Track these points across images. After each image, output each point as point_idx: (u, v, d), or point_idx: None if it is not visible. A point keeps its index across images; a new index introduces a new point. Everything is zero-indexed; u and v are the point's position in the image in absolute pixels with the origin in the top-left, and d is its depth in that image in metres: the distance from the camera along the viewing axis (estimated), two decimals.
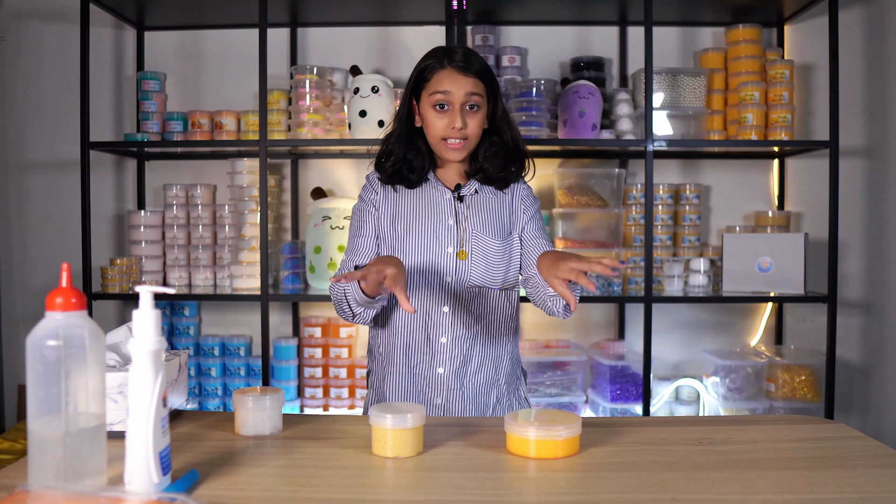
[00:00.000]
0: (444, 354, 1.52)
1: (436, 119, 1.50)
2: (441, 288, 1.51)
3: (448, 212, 1.54)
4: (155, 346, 0.91)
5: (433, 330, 1.52)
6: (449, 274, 1.51)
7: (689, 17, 2.83)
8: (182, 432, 1.21)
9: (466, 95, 1.48)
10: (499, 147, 1.57)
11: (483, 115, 1.52)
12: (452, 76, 1.49)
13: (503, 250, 1.54)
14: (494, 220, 1.56)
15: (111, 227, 2.97)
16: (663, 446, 1.16)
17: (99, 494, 0.83)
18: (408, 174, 1.55)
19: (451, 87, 1.48)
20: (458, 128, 1.48)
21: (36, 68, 2.95)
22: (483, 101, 1.52)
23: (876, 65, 2.78)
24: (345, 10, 2.77)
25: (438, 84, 1.49)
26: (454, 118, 1.48)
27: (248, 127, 2.71)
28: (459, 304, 1.51)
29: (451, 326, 1.52)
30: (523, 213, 1.59)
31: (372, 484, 1.00)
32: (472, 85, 1.49)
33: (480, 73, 1.51)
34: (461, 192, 1.56)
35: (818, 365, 2.63)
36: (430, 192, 1.57)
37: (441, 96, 1.48)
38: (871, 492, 0.96)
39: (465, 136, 1.50)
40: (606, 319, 2.93)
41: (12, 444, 2.56)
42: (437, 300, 1.51)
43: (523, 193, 1.62)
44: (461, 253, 1.51)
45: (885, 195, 2.76)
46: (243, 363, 2.82)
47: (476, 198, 1.57)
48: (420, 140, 1.57)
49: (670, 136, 2.66)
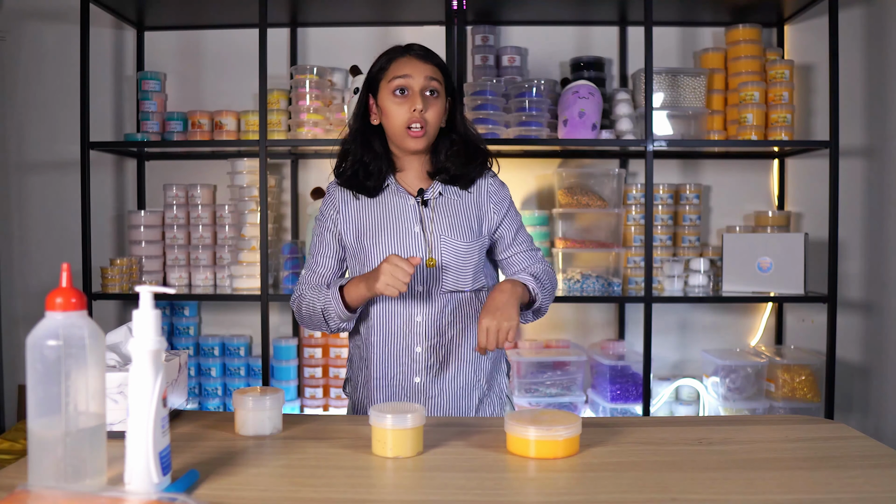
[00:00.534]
0: (420, 364, 1.50)
1: (395, 106, 1.47)
2: (413, 298, 1.49)
3: (413, 219, 1.51)
4: (155, 346, 0.91)
5: (408, 340, 1.50)
6: (420, 283, 1.49)
7: (689, 17, 2.83)
8: (182, 432, 1.21)
9: (426, 80, 1.47)
10: (459, 145, 1.54)
11: (441, 105, 1.50)
12: (412, 62, 1.49)
13: (472, 252, 1.51)
14: (461, 222, 1.52)
15: (111, 227, 2.97)
16: (663, 446, 1.16)
17: (99, 494, 0.83)
18: (365, 181, 1.52)
19: (411, 71, 1.47)
20: (419, 109, 1.45)
21: (36, 68, 2.95)
22: (441, 89, 1.50)
23: (876, 65, 2.78)
24: (345, 10, 2.77)
25: (398, 69, 1.48)
26: (415, 101, 1.46)
27: (248, 127, 2.71)
28: (432, 311, 1.49)
29: (426, 335, 1.49)
30: (494, 211, 1.55)
31: (372, 484, 1.00)
32: (432, 70, 1.49)
33: (439, 64, 1.51)
34: (424, 196, 1.53)
35: (818, 365, 2.63)
36: (392, 199, 1.53)
37: (401, 80, 1.47)
38: (871, 492, 0.96)
39: (423, 120, 1.46)
40: (606, 319, 2.93)
41: (12, 444, 2.56)
42: (410, 310, 1.49)
43: (491, 189, 1.56)
44: (430, 261, 1.48)
45: (885, 195, 2.76)
46: (243, 363, 2.82)
47: (440, 200, 1.53)
48: (376, 141, 1.54)
49: (670, 136, 2.66)
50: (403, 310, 1.49)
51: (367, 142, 1.53)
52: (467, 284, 1.51)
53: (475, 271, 1.52)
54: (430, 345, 1.50)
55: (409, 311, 1.49)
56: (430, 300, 1.49)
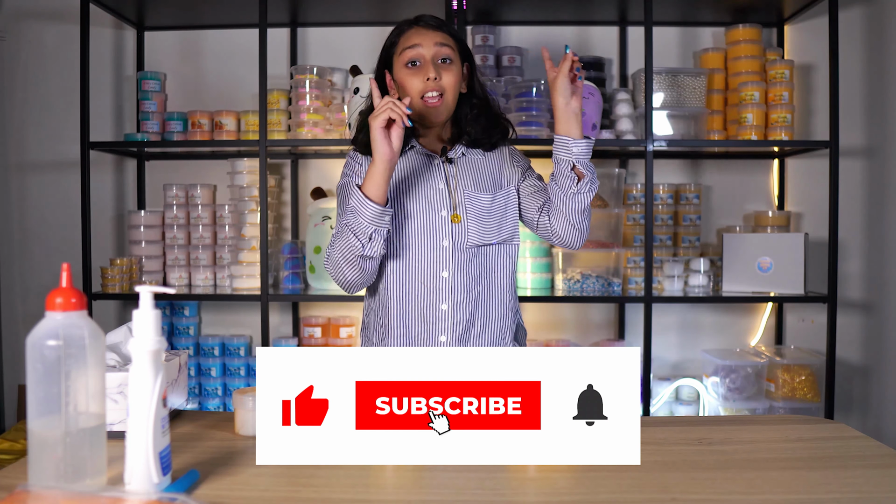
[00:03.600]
0: (445, 322, 1.50)
1: (409, 77, 1.48)
2: (439, 252, 1.49)
3: (438, 176, 1.53)
4: (155, 346, 0.91)
5: (433, 297, 1.49)
6: (445, 237, 1.50)
7: (689, 17, 2.83)
8: (182, 432, 1.21)
9: (436, 47, 1.47)
10: (479, 109, 1.56)
11: (457, 71, 1.50)
12: (420, 31, 1.49)
13: (497, 204, 1.53)
14: (485, 177, 1.55)
15: (111, 227, 2.97)
16: (663, 446, 1.16)
17: (99, 494, 0.83)
18: None
19: (420, 41, 1.48)
20: (432, 77, 1.46)
21: (36, 68, 2.95)
22: (455, 55, 1.50)
23: (876, 65, 2.78)
24: (345, 10, 2.77)
25: (407, 41, 1.49)
26: (427, 70, 1.46)
27: (248, 127, 2.71)
28: (459, 267, 1.49)
29: (452, 291, 1.49)
30: (516, 165, 1.59)
31: (372, 484, 1.00)
32: (441, 37, 1.49)
33: (450, 32, 1.51)
34: (448, 154, 1.55)
35: (818, 365, 2.63)
36: (416, 158, 1.55)
37: (411, 52, 1.48)
38: (871, 492, 0.96)
39: (440, 88, 1.47)
40: (606, 319, 2.93)
41: (12, 444, 2.56)
42: (436, 266, 1.49)
43: (512, 150, 1.62)
44: (455, 217, 1.49)
45: (885, 195, 2.76)
46: (243, 363, 2.82)
47: (464, 159, 1.56)
48: None
49: (670, 136, 2.66)
50: (429, 266, 1.49)
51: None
52: (493, 237, 1.52)
53: (500, 225, 1.53)
54: (456, 301, 1.49)
55: (436, 266, 1.49)
56: (456, 255, 1.49)
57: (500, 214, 1.54)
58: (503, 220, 1.54)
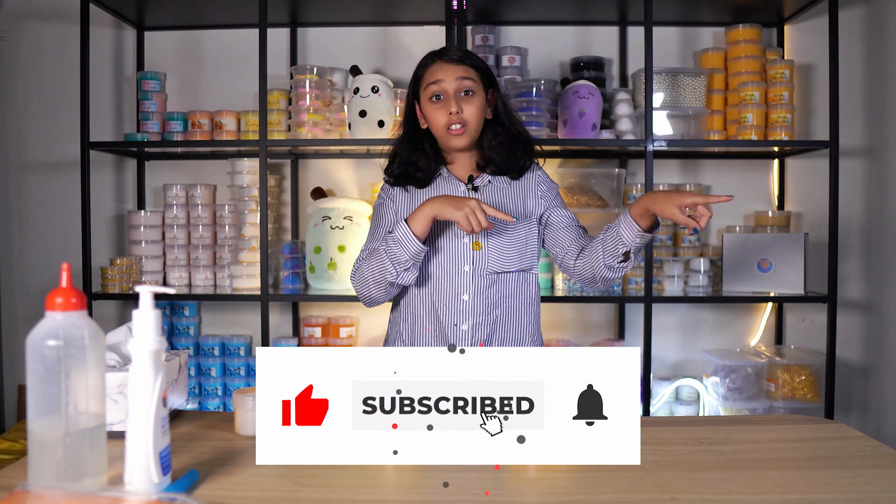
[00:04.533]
0: (465, 342, 1.55)
1: (434, 111, 1.55)
2: (460, 277, 1.55)
3: None
4: (155, 346, 0.91)
5: (454, 318, 1.56)
6: (466, 263, 1.56)
7: (689, 17, 2.83)
8: (182, 432, 1.21)
9: (458, 81, 1.53)
10: (503, 136, 1.60)
11: (480, 102, 1.56)
12: (442, 66, 1.55)
13: (518, 235, 1.57)
14: (509, 206, 1.60)
15: (111, 227, 2.97)
16: (663, 446, 1.16)
17: (99, 494, 0.83)
18: (415, 173, 1.60)
19: (443, 76, 1.54)
20: (454, 112, 1.52)
21: (36, 68, 2.95)
22: (477, 87, 1.55)
23: (876, 65, 2.78)
24: (345, 10, 2.77)
25: (431, 76, 1.56)
26: (449, 104, 1.53)
27: (248, 127, 2.71)
28: (478, 291, 1.55)
29: (472, 313, 1.56)
30: (542, 196, 1.63)
31: (372, 484, 1.00)
32: (463, 71, 1.54)
33: (472, 63, 1.56)
34: (475, 182, 1.60)
35: (818, 365, 2.63)
36: (443, 186, 1.62)
37: (434, 87, 1.54)
38: (871, 492, 0.96)
39: (462, 120, 1.53)
40: (606, 319, 2.93)
41: (12, 444, 2.56)
42: (457, 289, 1.55)
43: (539, 178, 1.65)
44: (476, 244, 1.55)
45: (885, 195, 2.76)
46: (243, 363, 2.82)
47: (490, 187, 1.61)
48: (426, 142, 1.62)
49: (670, 136, 2.66)
50: (451, 288, 1.56)
51: (416, 143, 1.62)
52: (513, 265, 1.57)
53: (520, 253, 1.58)
54: (475, 322, 1.56)
55: (457, 289, 1.56)
56: (476, 280, 1.55)
57: (521, 244, 1.59)
58: (524, 250, 1.59)
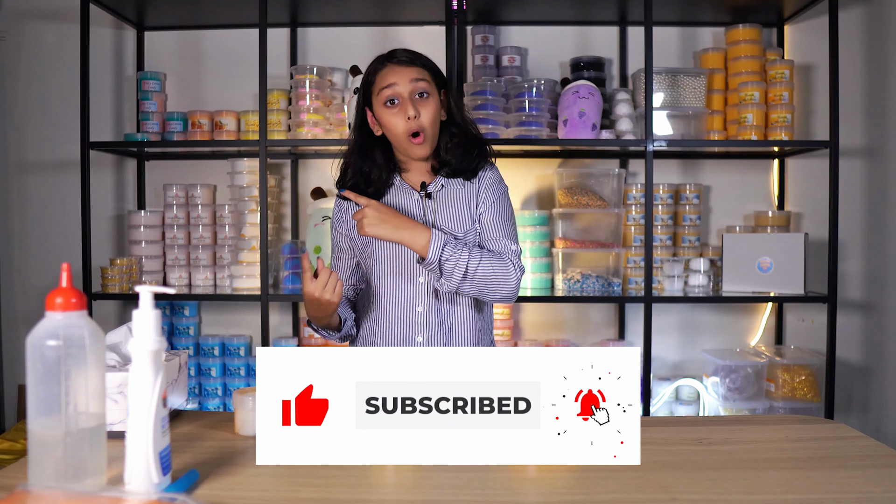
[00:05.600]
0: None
1: (390, 117, 1.50)
2: (415, 288, 1.54)
3: (416, 213, 1.55)
4: (155, 346, 0.91)
5: (409, 330, 1.54)
6: (421, 274, 1.53)
7: (689, 17, 2.83)
8: (182, 432, 1.21)
9: (412, 83, 1.49)
10: (459, 138, 1.57)
11: (435, 104, 1.51)
12: (394, 69, 1.51)
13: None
14: (463, 212, 1.55)
15: (111, 227, 2.97)
16: (663, 446, 1.16)
17: (99, 494, 0.83)
18: (365, 188, 1.55)
19: (396, 79, 1.49)
20: (412, 116, 1.47)
21: (36, 68, 2.95)
22: (431, 88, 1.51)
23: (876, 65, 2.78)
24: (345, 10, 2.77)
25: (383, 80, 1.50)
26: (406, 108, 1.48)
27: (248, 127, 2.71)
28: (433, 301, 1.54)
29: (427, 325, 1.54)
30: (483, 200, 1.57)
31: (372, 484, 1.00)
32: (416, 72, 1.50)
33: (423, 64, 1.52)
34: (427, 188, 1.56)
35: (818, 365, 2.63)
36: (396, 195, 1.57)
37: (388, 91, 1.49)
38: (871, 492, 0.96)
39: (420, 126, 1.49)
40: (606, 319, 2.93)
41: (12, 444, 2.56)
42: (412, 301, 1.54)
43: (489, 181, 1.58)
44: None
45: (885, 195, 2.76)
46: (243, 363, 2.82)
47: (443, 192, 1.57)
48: (377, 150, 1.57)
49: (670, 136, 2.66)
50: (406, 300, 1.54)
51: (367, 153, 1.57)
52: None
53: None
54: (431, 333, 1.54)
55: (412, 301, 1.54)
56: (430, 291, 1.54)
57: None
58: None
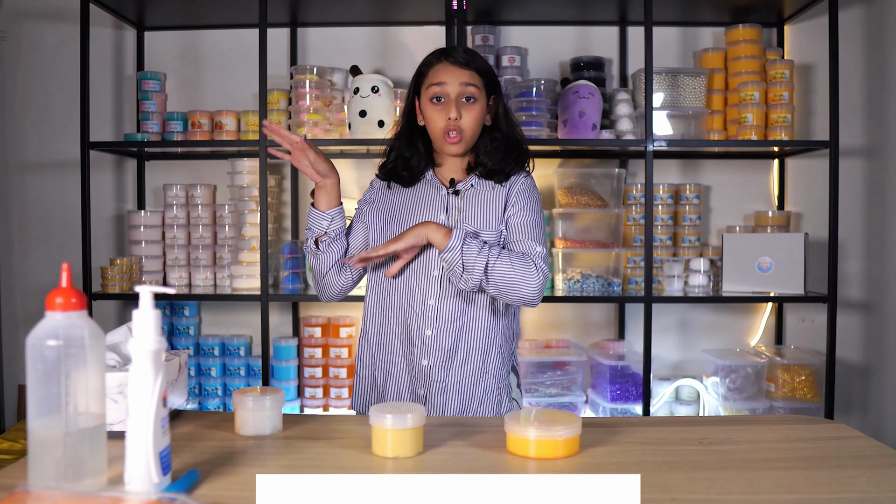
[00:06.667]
0: (428, 346, 1.53)
1: (433, 113, 1.53)
2: (428, 281, 1.53)
3: (440, 207, 1.56)
4: (155, 346, 0.91)
5: (419, 322, 1.54)
6: (437, 267, 1.53)
7: (689, 17, 2.83)
8: (182, 432, 1.21)
9: (461, 86, 1.51)
10: (499, 142, 1.58)
11: (480, 110, 1.53)
12: (448, 69, 1.53)
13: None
14: (488, 212, 1.55)
15: (111, 227, 2.97)
16: (663, 446, 1.16)
17: (99, 494, 0.83)
18: (402, 171, 1.59)
19: (446, 79, 1.51)
20: (453, 118, 1.50)
21: (36, 68, 2.95)
22: (480, 94, 1.53)
23: (876, 65, 2.78)
24: (345, 10, 2.77)
25: (435, 77, 1.53)
26: (449, 109, 1.50)
27: (248, 127, 2.71)
28: (445, 296, 1.53)
29: (437, 318, 1.53)
30: (514, 204, 1.56)
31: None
32: (468, 77, 1.52)
33: (477, 68, 1.54)
34: (456, 186, 1.58)
35: (818, 365, 2.63)
36: (425, 189, 1.60)
37: (437, 88, 1.52)
38: (871, 492, 0.96)
39: (459, 127, 1.51)
40: (606, 319, 2.93)
41: (12, 444, 2.56)
42: (424, 293, 1.53)
43: (522, 186, 1.58)
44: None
45: (885, 195, 2.76)
46: (243, 363, 2.82)
47: (472, 191, 1.58)
48: (420, 140, 1.60)
49: (670, 136, 2.66)
50: (418, 292, 1.54)
51: (411, 140, 1.60)
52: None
53: None
54: (439, 328, 1.53)
55: (423, 293, 1.53)
56: (445, 285, 1.53)
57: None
58: None
